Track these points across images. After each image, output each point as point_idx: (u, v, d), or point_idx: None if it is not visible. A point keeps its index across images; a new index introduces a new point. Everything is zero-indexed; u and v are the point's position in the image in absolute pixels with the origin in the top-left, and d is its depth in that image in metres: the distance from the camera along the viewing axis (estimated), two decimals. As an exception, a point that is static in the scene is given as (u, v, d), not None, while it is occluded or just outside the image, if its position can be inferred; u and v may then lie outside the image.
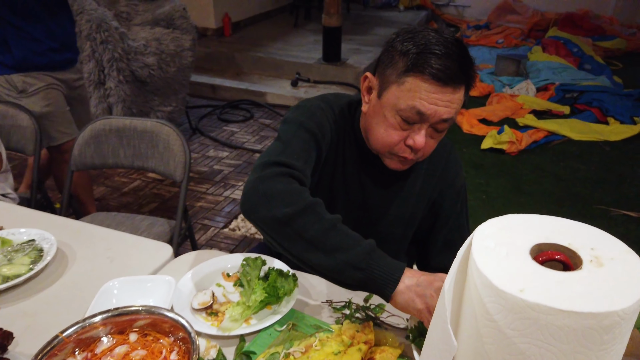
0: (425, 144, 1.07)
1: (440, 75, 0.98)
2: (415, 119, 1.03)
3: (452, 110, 1.02)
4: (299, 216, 0.94)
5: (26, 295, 1.12)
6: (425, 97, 1.00)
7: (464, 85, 1.02)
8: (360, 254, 0.91)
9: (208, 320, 1.04)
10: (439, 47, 0.99)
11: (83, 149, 1.90)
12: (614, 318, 0.48)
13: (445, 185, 1.25)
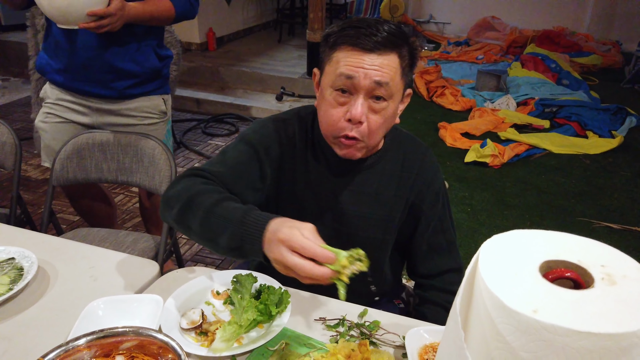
0: (369, 120, 1.08)
1: (360, 41, 1.03)
2: (347, 85, 1.06)
3: (383, 74, 1.04)
4: (183, 213, 1.04)
5: (4, 317, 1.06)
6: (351, 62, 1.04)
7: (394, 52, 1.05)
8: (233, 233, 0.96)
9: (198, 340, 1.00)
10: (359, 22, 1.06)
11: (65, 163, 1.85)
12: (632, 339, 0.47)
13: (423, 187, 1.24)
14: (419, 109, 5.49)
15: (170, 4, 1.87)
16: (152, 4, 1.83)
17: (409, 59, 1.10)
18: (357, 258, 0.90)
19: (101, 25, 1.67)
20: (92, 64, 1.83)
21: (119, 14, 1.69)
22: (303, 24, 6.72)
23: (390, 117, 1.12)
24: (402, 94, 1.14)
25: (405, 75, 1.10)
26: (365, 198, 1.24)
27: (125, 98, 1.95)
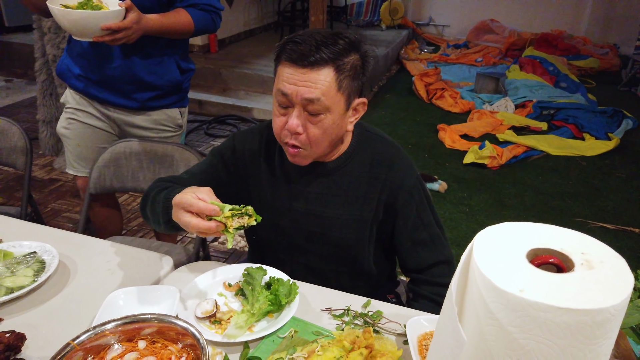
0: (307, 131, 1.16)
1: (294, 57, 1.11)
2: (284, 101, 1.15)
3: (314, 90, 1.11)
4: (143, 208, 1.29)
5: (30, 307, 1.13)
6: (286, 79, 1.13)
7: (327, 66, 1.10)
8: (163, 210, 1.16)
9: (212, 328, 1.07)
10: (299, 37, 1.13)
11: (102, 170, 1.89)
12: (605, 314, 0.54)
13: (394, 187, 1.28)
14: (418, 111, 5.57)
15: (190, 18, 1.84)
16: (171, 17, 1.81)
17: (351, 69, 1.13)
18: (243, 212, 1.03)
19: (116, 39, 1.66)
20: (114, 73, 1.85)
21: (135, 27, 1.67)
22: (304, 27, 6.79)
23: (331, 128, 1.17)
24: (348, 104, 1.17)
25: (345, 88, 1.13)
26: (335, 199, 1.30)
27: (145, 110, 1.96)
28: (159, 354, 0.93)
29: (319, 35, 1.12)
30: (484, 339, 0.61)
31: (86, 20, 1.61)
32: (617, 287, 0.56)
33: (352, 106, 1.20)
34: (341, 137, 1.24)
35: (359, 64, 1.16)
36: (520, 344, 0.57)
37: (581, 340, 0.55)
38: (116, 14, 1.65)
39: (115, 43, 1.68)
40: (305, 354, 0.98)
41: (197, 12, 1.85)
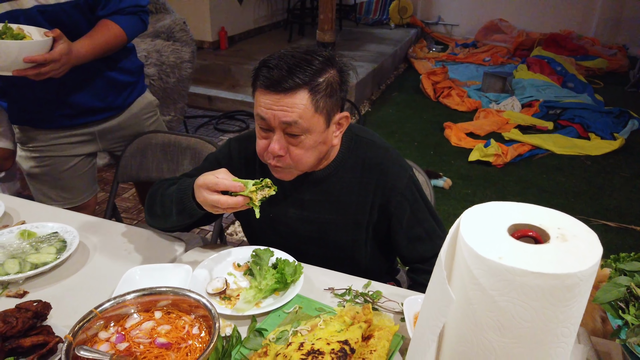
0: (290, 152, 1.19)
1: (268, 83, 1.14)
2: (264, 125, 1.18)
3: (291, 114, 1.13)
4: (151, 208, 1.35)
5: (53, 282, 1.22)
6: (263, 104, 1.16)
7: (301, 90, 1.13)
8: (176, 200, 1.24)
9: (222, 304, 1.14)
10: (272, 61, 1.15)
11: (129, 161, 1.97)
12: (574, 279, 0.61)
13: (387, 190, 1.31)
14: (425, 109, 5.62)
15: (119, 28, 1.70)
16: (101, 35, 1.66)
17: (327, 87, 1.15)
18: (265, 185, 1.13)
19: (41, 73, 1.48)
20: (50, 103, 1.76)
21: (64, 59, 1.51)
22: (313, 25, 6.86)
23: (314, 146, 1.20)
24: (327, 121, 1.20)
25: (322, 107, 1.16)
26: (328, 205, 1.34)
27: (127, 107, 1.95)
28: (174, 324, 1.01)
29: (292, 58, 1.14)
30: (469, 303, 0.68)
31: (5, 50, 1.40)
32: (586, 256, 0.63)
33: (333, 121, 1.22)
34: (327, 151, 1.27)
35: (337, 79, 1.19)
36: (500, 306, 0.64)
37: (553, 302, 0.62)
38: (42, 45, 1.46)
39: (40, 77, 1.50)
40: (309, 327, 1.05)
41: (124, 19, 1.72)
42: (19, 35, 1.46)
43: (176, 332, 0.99)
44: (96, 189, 2.11)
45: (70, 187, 1.93)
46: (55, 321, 1.05)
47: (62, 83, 1.64)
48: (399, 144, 4.67)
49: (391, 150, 1.37)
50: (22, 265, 1.22)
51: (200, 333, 0.99)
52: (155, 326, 1.00)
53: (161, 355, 0.93)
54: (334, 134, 1.25)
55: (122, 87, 1.89)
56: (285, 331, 1.05)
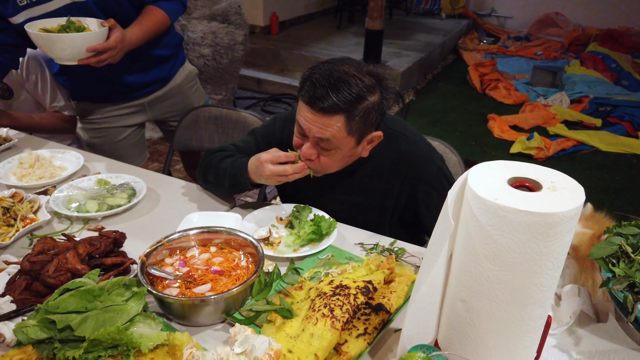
0: (320, 158, 1.32)
1: (309, 99, 1.23)
2: (301, 131, 1.31)
3: (325, 132, 1.24)
4: (205, 173, 1.53)
5: (126, 221, 1.44)
6: (303, 116, 1.27)
7: (338, 114, 1.22)
8: (229, 174, 1.41)
9: (266, 248, 1.32)
10: (317, 76, 1.23)
11: (184, 131, 2.19)
12: (555, 218, 0.74)
13: (415, 181, 1.43)
14: (470, 101, 5.63)
15: (163, 13, 1.85)
16: (149, 22, 1.81)
17: (364, 115, 1.24)
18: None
19: (101, 60, 1.65)
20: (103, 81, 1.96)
21: (120, 46, 1.67)
22: (363, 12, 6.95)
23: (342, 159, 1.33)
24: (359, 141, 1.31)
25: (355, 131, 1.27)
26: (358, 190, 1.49)
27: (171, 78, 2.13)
28: (226, 257, 1.20)
29: (336, 79, 1.21)
30: (469, 238, 0.82)
31: (69, 43, 1.56)
32: (569, 202, 0.76)
33: (365, 139, 1.33)
34: (354, 161, 1.40)
35: (376, 106, 1.27)
36: (494, 239, 0.78)
37: (537, 237, 0.75)
38: (100, 35, 1.62)
39: (101, 64, 1.67)
40: (339, 271, 1.22)
41: (167, 4, 1.87)
42: (80, 27, 1.65)
43: (228, 264, 1.17)
44: (146, 155, 2.36)
45: (124, 155, 2.13)
46: (128, 249, 1.26)
47: (115, 64, 1.78)
48: (441, 133, 4.73)
49: (420, 144, 1.48)
50: (100, 206, 1.45)
51: (248, 266, 1.17)
52: (211, 257, 1.19)
53: (215, 279, 1.12)
54: (364, 148, 1.38)
55: (165, 61, 2.09)
56: (319, 272, 1.22)
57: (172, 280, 1.11)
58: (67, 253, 1.11)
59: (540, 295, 0.81)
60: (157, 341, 0.94)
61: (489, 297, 0.83)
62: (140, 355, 0.94)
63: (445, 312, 0.93)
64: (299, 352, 0.97)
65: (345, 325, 1.01)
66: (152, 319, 1.01)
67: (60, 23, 1.64)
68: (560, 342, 1.01)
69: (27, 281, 1.09)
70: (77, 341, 0.89)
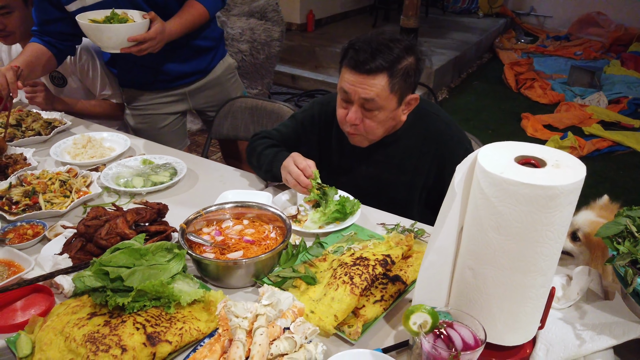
0: (364, 122, 1.42)
1: (353, 63, 1.35)
2: (345, 98, 1.40)
3: (370, 92, 1.35)
4: (250, 156, 1.66)
5: (167, 197, 1.57)
6: (347, 81, 1.38)
7: (381, 73, 1.33)
8: (269, 163, 1.55)
9: (293, 224, 1.43)
10: (359, 43, 1.35)
11: (221, 120, 2.33)
12: (554, 191, 0.81)
13: (446, 160, 1.51)
14: (504, 99, 5.60)
15: (203, 7, 1.96)
16: (188, 15, 1.92)
17: (404, 73, 1.36)
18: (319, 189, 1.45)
19: (141, 49, 1.78)
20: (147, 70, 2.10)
21: (159, 37, 1.79)
22: (399, 11, 6.97)
23: (384, 120, 1.43)
24: (400, 101, 1.42)
25: (397, 89, 1.37)
26: (390, 167, 1.57)
27: (211, 69, 2.25)
28: (257, 229, 1.31)
29: (376, 43, 1.35)
30: (477, 209, 0.90)
31: (114, 32, 1.71)
32: (569, 177, 0.82)
33: (404, 101, 1.45)
34: (395, 125, 1.50)
35: (413, 66, 1.39)
36: (498, 210, 0.85)
37: (538, 208, 0.82)
38: (141, 26, 1.76)
39: (141, 53, 1.80)
40: (360, 246, 1.31)
41: None
42: (124, 19, 1.79)
43: (258, 235, 1.28)
44: (187, 142, 2.50)
45: (166, 141, 2.24)
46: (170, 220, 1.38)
47: (157, 54, 1.91)
48: (473, 130, 4.70)
49: (452, 125, 1.57)
50: (145, 182, 1.59)
51: (276, 237, 1.28)
52: (243, 229, 1.31)
53: (247, 247, 1.23)
54: (403, 112, 1.48)
55: (205, 52, 2.21)
56: (341, 246, 1.31)
57: (208, 247, 1.23)
58: (117, 219, 1.24)
59: (542, 264, 0.88)
60: (194, 296, 1.06)
61: (494, 264, 0.90)
62: (180, 308, 1.06)
63: (456, 279, 1.01)
64: (320, 313, 1.07)
65: (363, 292, 1.10)
66: (190, 278, 1.13)
67: (106, 15, 1.79)
68: (566, 316, 1.07)
69: (81, 242, 1.23)
70: (126, 291, 1.02)
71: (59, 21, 1.92)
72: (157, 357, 0.95)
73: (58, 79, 2.30)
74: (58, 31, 1.94)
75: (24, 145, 1.86)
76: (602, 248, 1.35)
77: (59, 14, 1.90)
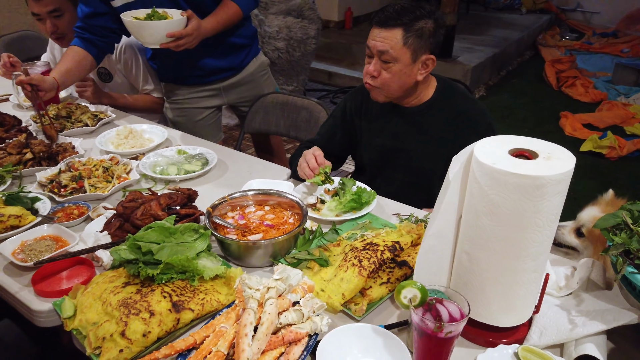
0: (381, 75, 1.57)
1: (377, 20, 1.54)
2: (368, 52, 1.57)
3: (385, 44, 1.52)
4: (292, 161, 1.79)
5: (198, 184, 1.70)
6: (370, 36, 1.56)
7: (397, 28, 1.50)
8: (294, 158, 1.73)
9: (312, 212, 1.52)
10: (387, 7, 1.53)
11: (254, 115, 2.45)
12: (542, 181, 0.86)
13: (469, 131, 1.58)
14: (543, 98, 5.50)
15: (237, 7, 2.08)
16: (223, 14, 2.04)
17: (418, 31, 1.50)
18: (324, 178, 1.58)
19: (179, 45, 1.91)
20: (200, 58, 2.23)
21: (195, 33, 1.92)
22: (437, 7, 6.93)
23: (399, 74, 1.55)
24: (414, 57, 1.54)
25: (410, 44, 1.51)
26: (417, 137, 1.68)
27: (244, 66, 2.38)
28: (277, 215, 1.41)
29: (400, 7, 1.53)
30: (472, 197, 0.96)
31: (154, 29, 1.85)
32: (557, 168, 0.88)
33: (419, 60, 1.56)
34: (412, 84, 1.60)
35: (430, 28, 1.53)
36: (491, 198, 0.92)
37: (527, 196, 0.88)
38: (179, 23, 1.89)
39: (179, 49, 1.93)
40: (374, 233, 1.39)
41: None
42: (163, 16, 1.93)
43: (278, 220, 1.39)
44: (221, 136, 2.63)
45: (202, 134, 2.36)
46: (199, 204, 1.51)
47: (193, 49, 2.02)
48: (508, 129, 4.68)
49: (477, 102, 1.69)
50: (178, 170, 1.72)
51: (294, 223, 1.38)
52: (264, 214, 1.41)
53: (266, 231, 1.34)
54: (419, 71, 1.59)
55: (239, 50, 2.33)
56: (355, 233, 1.40)
57: (231, 229, 1.34)
58: (151, 202, 1.37)
59: (532, 250, 0.94)
60: (216, 272, 1.17)
61: (487, 248, 0.97)
62: (203, 281, 1.17)
63: (455, 263, 1.08)
64: (329, 291, 1.16)
65: (371, 274, 1.18)
66: (213, 256, 1.24)
67: (147, 13, 1.94)
68: (563, 303, 1.12)
69: (120, 222, 1.37)
70: (155, 264, 1.14)
71: (103, 15, 2.08)
72: (181, 322, 1.07)
73: (104, 75, 2.49)
74: (101, 25, 2.10)
75: (73, 135, 2.04)
76: (604, 242, 1.37)
77: (105, 9, 2.06)
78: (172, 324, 1.05)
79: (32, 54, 3.05)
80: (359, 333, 1.04)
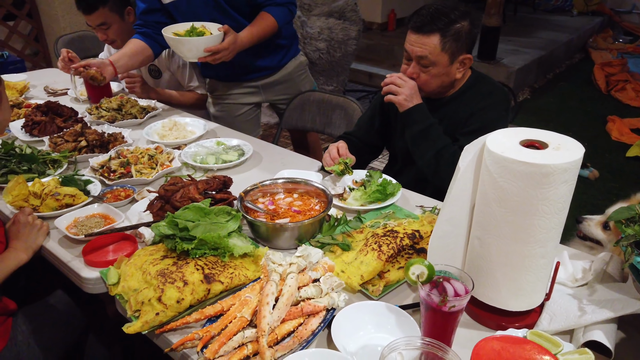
0: (419, 77, 1.66)
1: (414, 26, 1.60)
2: (407, 56, 1.62)
3: (424, 50, 1.59)
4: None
5: (234, 173, 1.81)
6: (408, 41, 1.64)
7: (435, 33, 1.56)
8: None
9: (338, 201, 1.60)
10: (422, 11, 1.60)
11: (291, 112, 2.56)
12: (548, 169, 0.91)
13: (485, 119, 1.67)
14: (591, 102, 5.34)
15: (273, 19, 2.17)
16: (259, 26, 2.14)
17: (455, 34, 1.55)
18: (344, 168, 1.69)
19: (216, 59, 2.04)
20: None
21: (231, 47, 2.05)
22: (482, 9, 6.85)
23: (438, 75, 1.64)
24: (452, 59, 1.60)
25: (448, 48, 1.57)
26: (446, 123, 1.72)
27: (283, 65, 2.48)
28: (305, 202, 1.50)
29: (435, 10, 1.57)
30: (483, 185, 1.02)
31: (193, 45, 1.99)
32: (564, 157, 0.92)
33: (457, 60, 1.62)
34: (450, 82, 1.68)
35: (466, 29, 1.57)
36: (500, 184, 0.97)
37: (533, 184, 0.93)
38: (216, 38, 2.01)
39: (216, 62, 2.06)
40: (396, 223, 1.45)
41: (277, 10, 2.17)
42: (201, 32, 2.06)
43: (305, 206, 1.47)
44: (259, 132, 2.74)
45: (241, 128, 2.46)
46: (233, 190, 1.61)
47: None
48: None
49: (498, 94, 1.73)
50: (217, 160, 1.84)
51: (320, 210, 1.46)
52: (293, 201, 1.50)
53: (293, 216, 1.43)
54: (457, 70, 1.67)
55: (279, 50, 2.43)
56: (378, 222, 1.46)
57: (261, 213, 1.44)
58: (190, 186, 1.49)
59: (540, 236, 0.98)
60: (245, 250, 1.27)
61: (497, 234, 1.02)
62: (233, 258, 1.27)
63: (468, 249, 1.13)
64: (349, 273, 1.23)
65: (389, 259, 1.25)
66: (244, 237, 1.34)
67: (186, 29, 2.08)
68: (576, 293, 1.14)
69: (161, 203, 1.49)
70: (190, 240, 1.25)
71: (157, 11, 2.25)
72: (211, 292, 1.17)
73: (155, 72, 2.66)
74: (156, 20, 2.26)
75: (123, 126, 2.21)
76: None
77: (157, 5, 2.22)
78: (203, 293, 1.16)
79: (90, 53, 3.29)
80: (373, 310, 1.11)
